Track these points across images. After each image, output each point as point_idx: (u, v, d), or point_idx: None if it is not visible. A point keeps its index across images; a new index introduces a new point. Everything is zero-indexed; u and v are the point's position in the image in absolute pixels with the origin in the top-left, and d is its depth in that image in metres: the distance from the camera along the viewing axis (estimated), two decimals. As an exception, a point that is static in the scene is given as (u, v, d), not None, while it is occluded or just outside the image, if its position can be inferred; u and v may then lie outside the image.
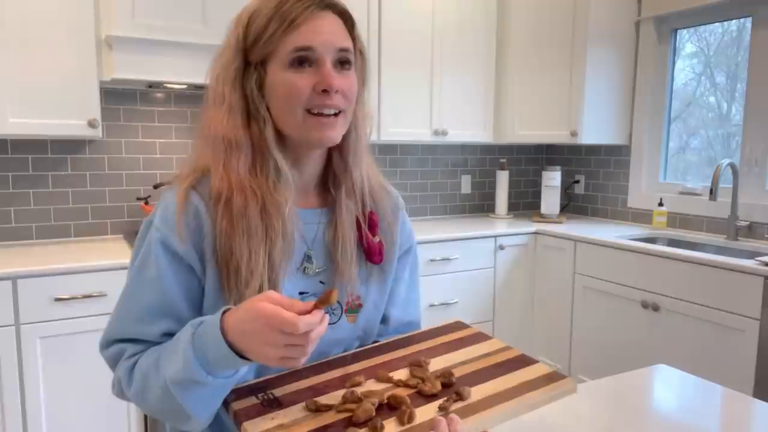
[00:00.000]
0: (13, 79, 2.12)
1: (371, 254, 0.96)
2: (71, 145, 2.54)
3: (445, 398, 0.80)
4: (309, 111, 0.84)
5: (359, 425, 0.74)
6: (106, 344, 0.88)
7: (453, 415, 0.75)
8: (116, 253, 2.27)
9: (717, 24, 2.99)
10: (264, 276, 0.84)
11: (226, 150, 0.85)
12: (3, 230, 2.45)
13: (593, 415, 1.06)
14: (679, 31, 3.14)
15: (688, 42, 3.15)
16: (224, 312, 0.75)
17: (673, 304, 2.44)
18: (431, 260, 2.83)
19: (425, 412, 0.78)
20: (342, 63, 0.85)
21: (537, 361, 0.92)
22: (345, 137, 0.90)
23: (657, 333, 2.52)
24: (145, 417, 2.21)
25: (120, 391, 0.87)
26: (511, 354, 0.94)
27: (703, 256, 2.37)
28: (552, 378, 0.87)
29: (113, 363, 0.87)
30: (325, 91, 0.82)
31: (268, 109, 0.86)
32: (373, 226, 0.97)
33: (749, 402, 1.12)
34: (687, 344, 2.41)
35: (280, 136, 0.88)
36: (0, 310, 1.95)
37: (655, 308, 2.51)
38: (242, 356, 0.73)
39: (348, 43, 0.86)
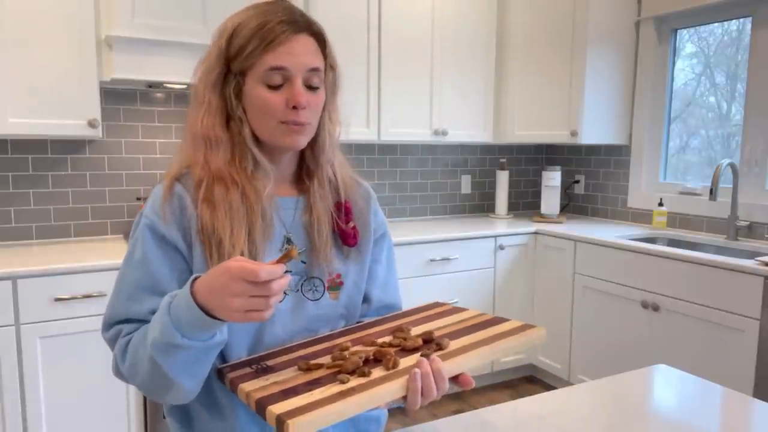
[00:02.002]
0: (13, 79, 2.12)
1: (346, 238, 1.05)
2: (71, 145, 2.54)
3: (427, 348, 0.89)
4: (281, 122, 0.93)
5: (349, 374, 0.81)
6: (106, 327, 0.93)
7: (434, 356, 0.84)
8: (116, 253, 2.27)
9: (717, 24, 2.99)
10: (245, 250, 0.91)
11: (206, 146, 0.94)
12: (3, 230, 2.46)
13: (593, 415, 1.06)
14: (679, 31, 3.15)
15: (688, 42, 3.15)
16: (195, 279, 0.80)
17: (673, 304, 2.45)
18: (431, 260, 2.83)
19: (408, 362, 0.85)
20: (311, 82, 0.94)
21: (509, 320, 1.00)
22: (316, 138, 1.00)
23: (657, 333, 2.52)
24: (145, 417, 2.22)
25: (116, 369, 0.92)
26: (486, 317, 1.04)
27: (703, 256, 2.37)
28: (523, 328, 0.97)
29: (112, 344, 0.92)
30: (294, 107, 0.92)
31: (245, 111, 0.94)
32: (347, 213, 1.06)
33: (749, 402, 1.12)
34: (687, 344, 2.41)
35: (256, 135, 0.96)
36: (0, 310, 1.95)
37: (655, 308, 2.51)
38: (213, 316, 0.77)
39: (318, 63, 0.95)
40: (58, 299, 2.02)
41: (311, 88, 0.94)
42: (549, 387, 3.17)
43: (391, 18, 2.88)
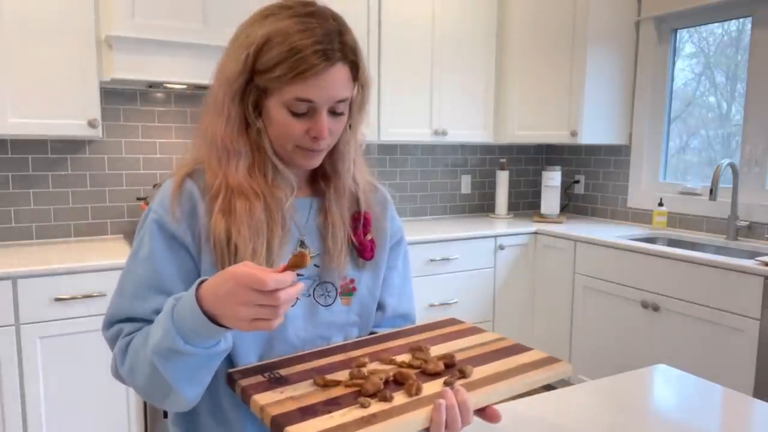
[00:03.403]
0: (13, 79, 2.12)
1: (363, 251, 1.01)
2: (71, 145, 2.54)
3: (449, 375, 0.85)
4: (298, 146, 0.91)
5: (369, 396, 0.77)
6: (107, 325, 0.91)
7: (458, 386, 0.80)
8: (116, 253, 2.27)
9: (717, 24, 2.99)
10: (262, 260, 0.88)
11: (223, 153, 0.90)
12: (3, 230, 2.45)
13: (593, 415, 1.06)
14: (679, 31, 3.15)
15: (687, 42, 3.15)
16: (201, 283, 0.77)
17: (673, 304, 2.45)
18: (431, 260, 2.83)
19: (430, 388, 0.81)
20: (336, 109, 0.90)
21: (532, 349, 0.97)
22: (336, 147, 0.97)
23: (657, 333, 2.52)
24: (145, 417, 2.21)
25: (115, 370, 0.89)
26: (507, 343, 1.00)
27: (703, 256, 2.37)
28: (549, 361, 0.93)
29: (112, 343, 0.89)
30: (315, 137, 0.89)
31: (264, 123, 0.91)
32: (365, 225, 1.02)
33: (749, 402, 1.12)
34: (687, 344, 2.41)
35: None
36: (0, 310, 1.95)
37: (655, 308, 2.51)
38: (218, 324, 0.75)
39: (347, 93, 0.90)
40: (58, 299, 2.02)
41: (335, 113, 0.90)
42: (549, 387, 3.17)
43: (391, 17, 2.88)
